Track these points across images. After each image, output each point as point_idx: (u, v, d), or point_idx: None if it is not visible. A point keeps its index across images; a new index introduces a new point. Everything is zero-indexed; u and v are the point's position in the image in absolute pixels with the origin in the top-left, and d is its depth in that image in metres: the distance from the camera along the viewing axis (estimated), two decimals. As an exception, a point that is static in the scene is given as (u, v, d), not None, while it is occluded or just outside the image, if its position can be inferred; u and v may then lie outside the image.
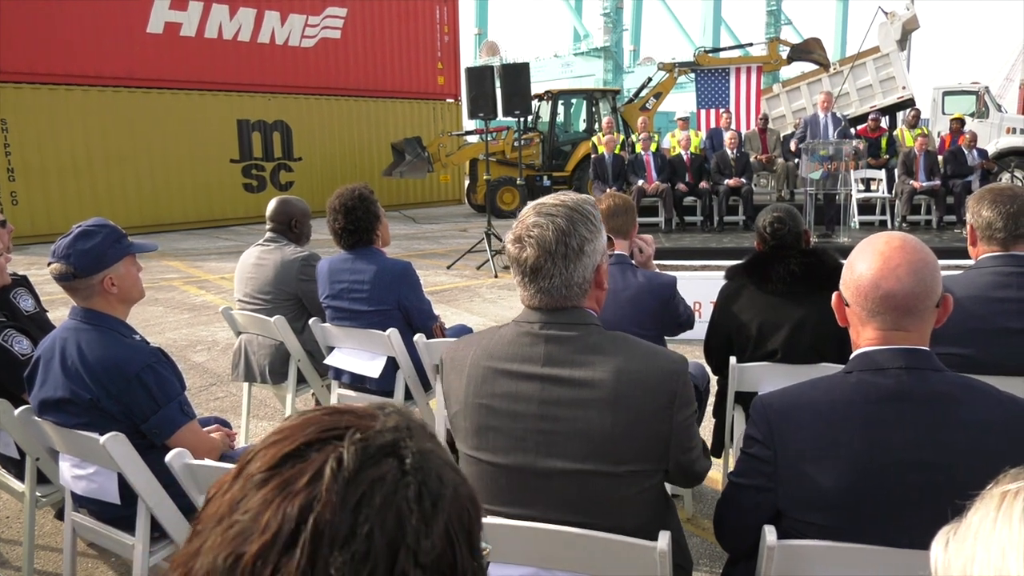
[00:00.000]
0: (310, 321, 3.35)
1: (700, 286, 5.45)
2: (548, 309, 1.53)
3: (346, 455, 0.58)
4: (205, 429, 2.40)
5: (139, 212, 13.50)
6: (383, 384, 3.23)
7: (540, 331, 1.53)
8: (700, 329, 2.97)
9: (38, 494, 2.55)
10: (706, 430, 3.35)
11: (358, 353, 3.27)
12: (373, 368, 3.20)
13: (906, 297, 1.36)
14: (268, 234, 3.68)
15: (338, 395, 3.44)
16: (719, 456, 3.09)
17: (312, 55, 16.07)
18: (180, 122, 14.03)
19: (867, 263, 1.40)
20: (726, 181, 9.84)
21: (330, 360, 3.35)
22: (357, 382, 3.33)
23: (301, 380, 3.57)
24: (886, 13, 15.38)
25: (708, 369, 3.06)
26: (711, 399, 3.18)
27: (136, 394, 2.10)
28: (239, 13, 14.77)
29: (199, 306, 7.59)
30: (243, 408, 3.88)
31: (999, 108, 16.39)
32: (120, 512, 2.16)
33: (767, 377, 2.61)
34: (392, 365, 3.18)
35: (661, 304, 2.69)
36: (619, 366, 1.48)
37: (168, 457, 1.91)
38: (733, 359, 2.66)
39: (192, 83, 14.22)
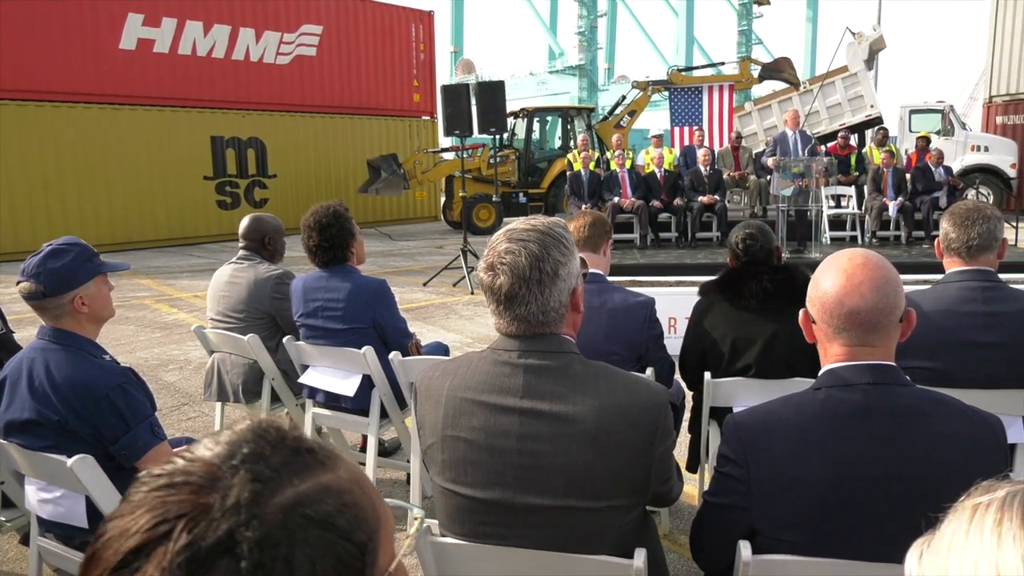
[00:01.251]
0: (284, 339, 3.32)
1: (675, 302, 5.49)
2: (525, 336, 1.50)
3: (171, 565, 0.51)
4: (175, 450, 2.36)
5: (110, 229, 13.32)
6: (358, 402, 3.20)
7: (518, 360, 1.49)
8: (675, 344, 2.99)
9: (2, 519, 2.49)
10: (682, 445, 3.36)
11: (333, 371, 3.24)
12: (348, 387, 3.18)
13: (870, 313, 1.38)
14: (241, 252, 3.65)
15: (313, 414, 3.41)
16: (695, 472, 3.10)
17: (287, 72, 16.03)
18: (152, 139, 13.89)
19: (831, 281, 1.42)
20: (700, 198, 9.95)
21: (304, 379, 3.32)
22: (332, 401, 3.31)
23: (275, 399, 3.53)
24: (854, 34, 15.74)
25: (683, 385, 3.08)
26: (686, 414, 3.19)
27: (105, 415, 2.06)
28: (213, 30, 14.71)
29: (171, 325, 7.49)
30: (216, 428, 3.82)
31: (964, 126, 16.78)
32: (88, 537, 2.10)
33: (741, 392, 2.64)
34: (367, 383, 3.16)
35: (639, 324, 2.68)
36: (601, 400, 1.46)
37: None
38: (708, 375, 2.68)
39: (165, 99, 14.10)
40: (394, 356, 3.00)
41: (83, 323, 2.16)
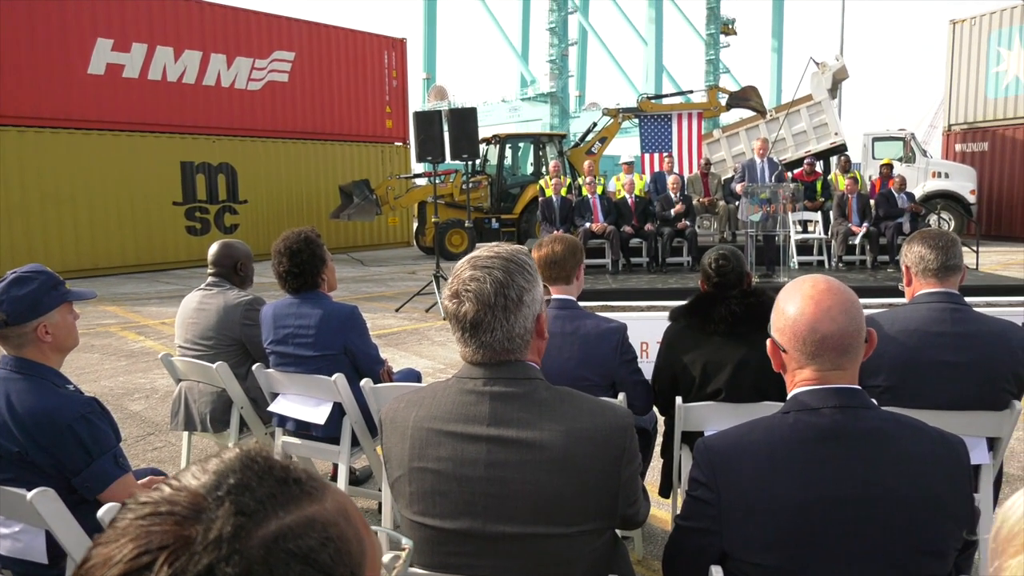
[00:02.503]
0: (254, 367, 3.28)
1: (647, 326, 5.51)
2: (491, 364, 1.50)
3: None
4: (140, 482, 2.31)
5: (76, 255, 13.09)
6: (329, 431, 3.16)
7: (484, 387, 1.49)
8: (647, 369, 3.00)
9: (-42, 555, 2.41)
10: (655, 470, 3.37)
11: (303, 399, 3.20)
12: (319, 415, 3.14)
13: (843, 336, 1.40)
14: (210, 278, 3.61)
15: (283, 443, 3.36)
16: (667, 496, 3.10)
17: (259, 98, 16.00)
18: (121, 164, 13.73)
19: (798, 308, 1.44)
20: (671, 210, 10.08)
21: (274, 407, 3.27)
22: (302, 429, 3.26)
23: (244, 428, 3.48)
24: (817, 64, 16.15)
25: (655, 409, 3.09)
26: (659, 439, 3.20)
27: (68, 446, 2.01)
28: (184, 55, 14.65)
29: (137, 352, 7.35)
30: (182, 458, 3.75)
31: (924, 153, 17.23)
32: (48, 572, 2.05)
33: (712, 416, 2.65)
34: (338, 411, 3.13)
35: (611, 350, 2.68)
36: (567, 425, 1.46)
37: (100, 512, 1.83)
38: (679, 399, 2.70)
39: (134, 125, 13.98)
40: (365, 383, 2.98)
41: (46, 352, 2.12)
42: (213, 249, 3.66)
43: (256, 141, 15.99)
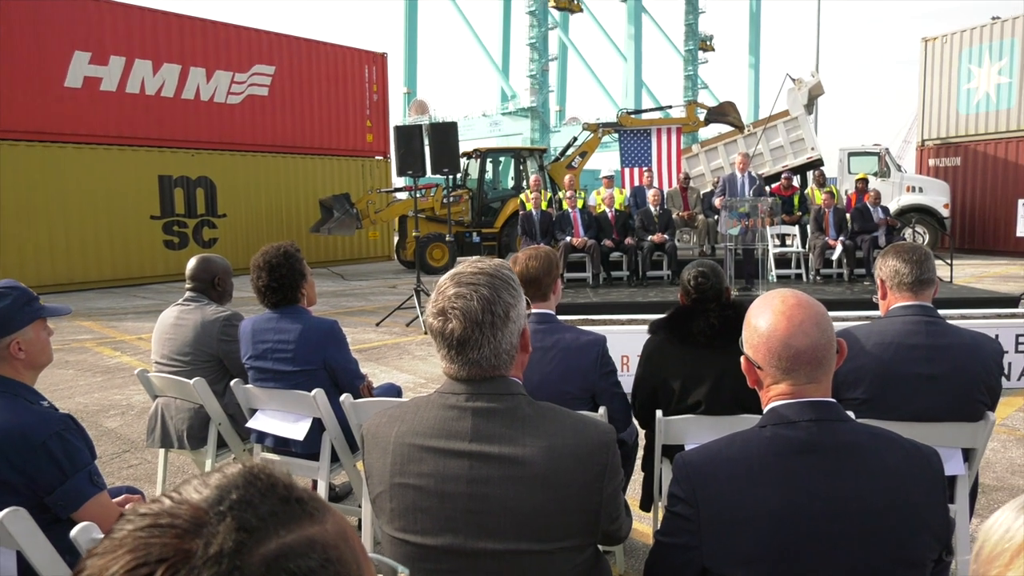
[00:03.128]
0: (232, 383, 3.24)
1: (628, 339, 5.55)
2: (474, 380, 1.49)
3: None
4: (115, 500, 2.27)
5: (51, 270, 12.92)
6: (308, 447, 3.13)
7: (467, 403, 1.48)
8: (628, 382, 3.01)
9: (-74, 578, 2.35)
10: (636, 484, 3.37)
11: (282, 415, 3.17)
12: (298, 431, 3.11)
13: (816, 350, 1.42)
14: (188, 293, 3.57)
15: (261, 459, 3.32)
16: (648, 511, 3.10)
17: (239, 111, 15.94)
18: (97, 178, 13.60)
19: (770, 324, 1.45)
20: (650, 237, 10.14)
21: (253, 423, 3.24)
22: (281, 445, 3.23)
23: (222, 444, 3.44)
24: (793, 80, 16.41)
25: (636, 423, 3.09)
26: (640, 452, 3.21)
27: (41, 464, 1.98)
28: (163, 69, 14.57)
29: (113, 368, 7.25)
30: (158, 476, 3.69)
31: (899, 168, 17.52)
32: (19, 594, 2.01)
33: (692, 429, 2.66)
34: (318, 427, 3.10)
35: (591, 362, 2.69)
36: (550, 441, 1.45)
37: (74, 532, 1.79)
38: (659, 412, 2.70)
39: (111, 138, 13.86)
40: (345, 398, 2.96)
41: (19, 369, 2.09)
42: (191, 264, 3.63)
43: (236, 155, 15.91)
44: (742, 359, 1.53)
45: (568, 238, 10.14)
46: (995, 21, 17.08)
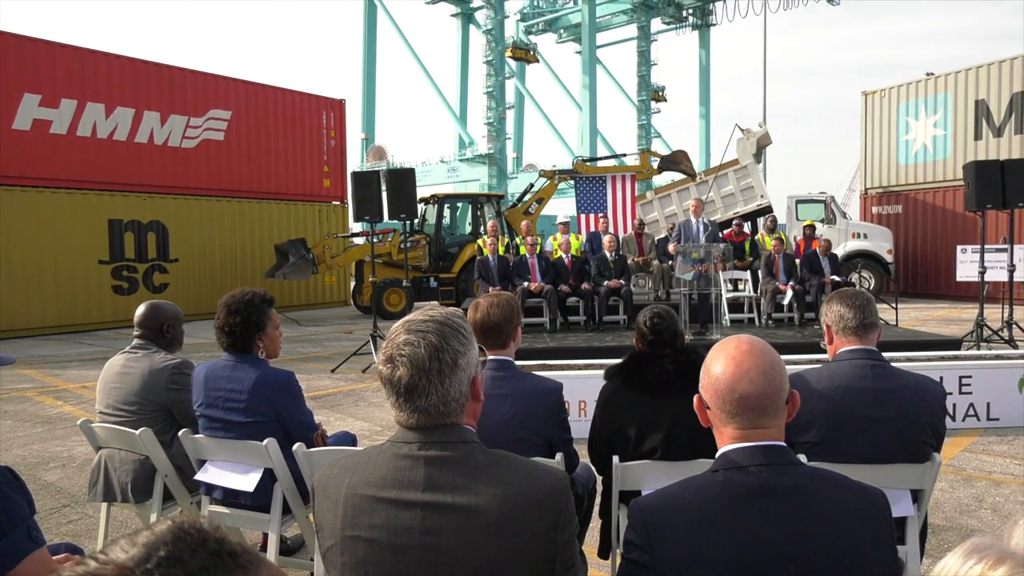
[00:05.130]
0: (180, 433, 3.15)
1: (585, 384, 5.56)
2: (426, 428, 1.48)
3: None
4: (55, 558, 2.17)
5: (-9, 317, 12.48)
6: (259, 499, 3.05)
7: (419, 452, 1.46)
8: (585, 428, 3.02)
9: None
10: (594, 530, 3.35)
11: (232, 466, 3.08)
12: (248, 482, 3.02)
13: (760, 398, 1.45)
14: (136, 340, 3.48)
15: (209, 512, 3.21)
16: (606, 558, 3.08)
17: (193, 155, 15.80)
18: (44, 221, 13.28)
19: (721, 367, 1.49)
20: (606, 282, 10.26)
21: (201, 475, 3.14)
22: (231, 497, 3.13)
23: (168, 497, 3.32)
24: (742, 130, 16.99)
25: (594, 470, 3.09)
26: (597, 499, 3.19)
27: (-26, 522, 1.88)
28: (116, 112, 14.41)
29: (55, 419, 6.98)
30: (100, 532, 3.54)
31: (844, 215, 18.14)
32: (-56, 662, 1.89)
33: (648, 475, 2.67)
34: (269, 477, 3.02)
35: (549, 410, 2.69)
36: (504, 489, 1.44)
37: (7, 594, 1.71)
38: (616, 458, 2.70)
39: (60, 181, 13.58)
40: (298, 447, 2.89)
41: (-47, 421, 2.00)
42: (140, 310, 3.54)
43: (190, 199, 15.71)
44: (695, 398, 1.57)
45: (525, 283, 10.20)
46: (929, 77, 17.99)
